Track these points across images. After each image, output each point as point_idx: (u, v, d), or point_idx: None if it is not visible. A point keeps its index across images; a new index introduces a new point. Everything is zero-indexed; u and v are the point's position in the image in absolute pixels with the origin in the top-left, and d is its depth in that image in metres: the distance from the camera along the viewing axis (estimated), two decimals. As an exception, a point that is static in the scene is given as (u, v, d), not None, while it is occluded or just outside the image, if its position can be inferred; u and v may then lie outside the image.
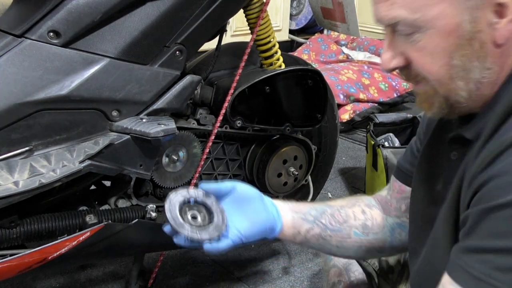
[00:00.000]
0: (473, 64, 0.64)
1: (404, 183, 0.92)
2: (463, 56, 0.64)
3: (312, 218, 0.90)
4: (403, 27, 0.66)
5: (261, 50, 1.47)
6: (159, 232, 1.29)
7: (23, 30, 1.05)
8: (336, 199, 0.99)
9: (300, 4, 3.98)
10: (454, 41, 0.64)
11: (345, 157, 2.61)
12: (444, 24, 0.63)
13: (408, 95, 3.24)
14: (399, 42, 0.68)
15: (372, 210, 0.95)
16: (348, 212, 0.93)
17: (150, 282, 1.45)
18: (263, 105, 1.42)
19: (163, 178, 1.31)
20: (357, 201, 0.97)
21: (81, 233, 1.08)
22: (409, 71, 0.70)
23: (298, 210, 0.89)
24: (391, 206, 0.95)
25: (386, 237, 0.94)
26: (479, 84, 0.65)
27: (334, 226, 0.91)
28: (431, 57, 0.66)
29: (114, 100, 1.13)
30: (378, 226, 0.94)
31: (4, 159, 1.03)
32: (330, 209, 0.92)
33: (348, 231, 0.92)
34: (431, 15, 0.63)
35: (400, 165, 0.94)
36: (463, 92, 0.66)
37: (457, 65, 0.65)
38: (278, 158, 1.50)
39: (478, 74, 0.65)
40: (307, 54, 3.56)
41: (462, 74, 0.65)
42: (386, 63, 0.70)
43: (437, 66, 0.66)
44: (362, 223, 0.93)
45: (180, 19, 1.18)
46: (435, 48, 0.65)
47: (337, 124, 1.76)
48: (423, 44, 0.65)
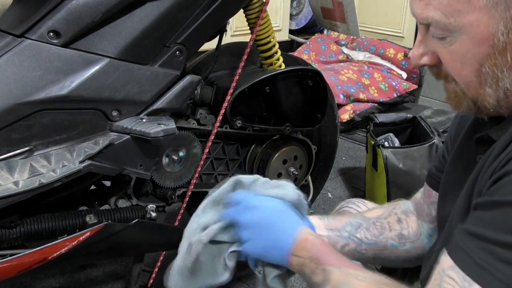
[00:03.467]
0: (503, 74, 0.64)
1: (431, 187, 0.92)
2: (494, 65, 0.64)
3: (347, 234, 0.90)
4: (435, 28, 0.66)
5: (261, 50, 1.47)
6: (159, 232, 1.30)
7: (23, 30, 1.05)
8: (373, 209, 0.98)
9: (300, 4, 3.98)
10: (486, 50, 0.63)
11: (345, 157, 2.61)
12: (477, 32, 0.62)
13: (408, 95, 3.24)
14: (432, 40, 0.68)
15: (408, 217, 0.95)
16: (384, 223, 0.93)
17: (150, 282, 1.45)
18: (263, 105, 1.42)
19: (163, 178, 1.31)
20: (394, 208, 0.96)
21: (81, 233, 1.08)
22: (439, 70, 0.70)
23: (334, 227, 0.89)
24: (424, 211, 0.95)
25: (424, 244, 0.93)
26: (509, 92, 0.65)
27: (370, 240, 0.91)
28: (461, 61, 0.65)
29: (114, 100, 1.13)
30: (415, 234, 0.93)
31: (4, 159, 1.03)
32: (366, 222, 0.92)
33: (384, 243, 0.91)
34: (465, 21, 0.62)
35: (430, 169, 0.94)
36: (491, 98, 0.66)
37: (487, 73, 0.64)
38: (278, 158, 1.50)
39: (508, 84, 0.64)
40: (307, 54, 3.56)
41: (491, 82, 0.65)
42: (416, 59, 0.70)
43: (467, 71, 0.66)
44: (398, 233, 0.92)
45: (180, 19, 1.18)
46: (466, 53, 0.64)
47: (337, 124, 1.76)
48: (454, 48, 0.65)
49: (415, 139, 2.13)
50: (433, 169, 0.93)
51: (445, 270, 0.61)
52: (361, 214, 0.95)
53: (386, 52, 3.44)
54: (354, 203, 1.07)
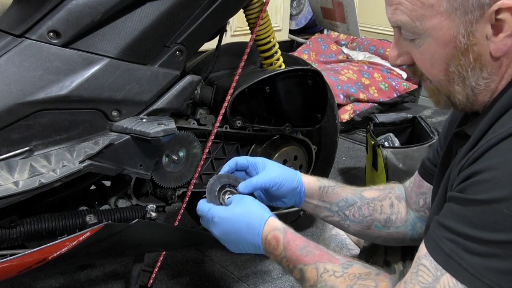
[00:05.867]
0: (468, 73, 0.68)
1: (424, 178, 0.95)
2: (459, 65, 0.68)
3: (337, 209, 0.96)
4: (405, 31, 0.70)
5: (261, 50, 1.47)
6: (159, 232, 1.30)
7: (23, 30, 1.05)
8: (372, 189, 1.01)
9: (300, 4, 3.97)
10: (451, 51, 0.68)
11: (345, 157, 2.61)
12: (441, 35, 0.67)
13: (408, 95, 3.24)
14: (405, 42, 0.72)
15: (400, 203, 0.99)
16: (377, 206, 0.97)
17: (150, 282, 1.45)
18: (263, 105, 1.42)
19: (163, 178, 1.31)
20: (389, 192, 1.01)
21: (81, 233, 1.08)
22: (415, 70, 0.75)
23: (327, 200, 0.96)
24: (411, 199, 0.98)
25: (407, 230, 0.98)
26: (476, 90, 0.70)
27: (357, 219, 0.96)
28: (430, 62, 0.70)
29: (114, 100, 1.13)
30: (402, 220, 0.98)
31: (4, 159, 1.03)
32: (360, 201, 0.97)
33: (369, 223, 0.97)
34: (429, 25, 0.67)
35: (423, 161, 0.97)
36: (460, 96, 0.71)
37: (454, 72, 0.69)
38: (278, 158, 1.50)
39: (474, 82, 0.69)
40: (307, 54, 3.56)
41: (458, 80, 0.70)
42: (393, 60, 0.75)
43: (436, 71, 0.71)
44: (387, 217, 0.97)
45: (180, 19, 1.18)
46: (433, 54, 0.69)
47: (337, 124, 1.76)
48: (423, 49, 0.70)
49: (415, 139, 2.13)
50: (426, 161, 0.96)
51: (420, 258, 0.66)
52: (360, 192, 0.99)
53: (386, 52, 3.43)
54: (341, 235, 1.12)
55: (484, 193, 0.60)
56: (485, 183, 0.60)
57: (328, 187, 0.97)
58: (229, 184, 0.91)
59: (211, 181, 0.90)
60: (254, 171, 0.93)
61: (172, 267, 1.70)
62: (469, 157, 0.65)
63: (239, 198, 0.86)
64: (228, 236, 0.83)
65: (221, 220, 0.83)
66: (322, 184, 0.96)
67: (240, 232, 0.82)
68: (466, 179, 0.64)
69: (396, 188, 1.02)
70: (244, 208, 0.83)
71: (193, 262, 1.73)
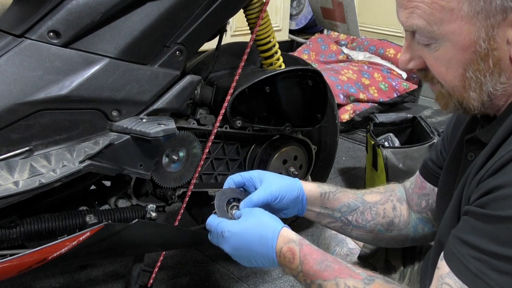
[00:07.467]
0: (486, 79, 0.66)
1: (426, 179, 0.94)
2: (477, 70, 0.66)
3: (340, 215, 0.94)
4: (420, 36, 0.68)
5: (261, 50, 1.47)
6: (159, 232, 1.30)
7: (23, 30, 1.05)
8: (373, 192, 1.00)
9: (300, 4, 3.97)
10: (470, 56, 0.65)
11: (345, 157, 2.61)
12: (460, 40, 0.65)
13: (408, 95, 3.24)
14: (418, 46, 0.70)
15: (402, 205, 0.98)
16: (379, 209, 0.96)
17: (150, 282, 1.45)
18: (263, 105, 1.42)
19: (163, 178, 1.31)
20: (391, 195, 0.99)
21: (81, 233, 1.08)
22: (426, 74, 0.72)
23: (330, 207, 0.93)
24: (413, 201, 0.97)
25: (409, 233, 0.97)
26: (492, 95, 0.67)
27: (359, 224, 0.94)
28: (446, 67, 0.68)
29: (114, 100, 1.13)
30: (404, 222, 0.96)
31: (4, 159, 1.03)
32: (363, 206, 0.95)
33: (372, 227, 0.95)
34: (448, 29, 0.65)
35: (425, 161, 0.96)
36: (475, 102, 0.68)
37: (471, 77, 0.66)
38: (278, 158, 1.50)
39: (491, 87, 0.66)
40: (307, 54, 3.56)
41: (475, 86, 0.67)
42: (403, 64, 0.73)
43: (451, 76, 0.68)
44: (390, 220, 0.95)
45: (180, 19, 1.18)
46: (450, 60, 0.67)
47: (337, 124, 1.76)
48: (439, 54, 0.67)
49: (415, 139, 2.13)
50: (429, 162, 0.94)
51: (443, 277, 0.63)
52: (362, 197, 0.97)
53: (386, 52, 3.44)
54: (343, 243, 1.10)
55: (509, 209, 0.58)
56: (509, 199, 0.58)
57: (329, 192, 0.94)
58: (234, 199, 0.88)
59: (217, 196, 0.86)
60: (252, 186, 0.89)
61: (172, 267, 1.70)
62: (488, 168, 0.63)
63: (248, 210, 0.82)
64: (239, 251, 0.79)
65: (232, 234, 0.78)
66: (323, 190, 0.93)
67: (252, 246, 0.78)
68: (486, 193, 0.62)
69: (397, 189, 1.01)
70: (255, 220, 0.79)
71: (193, 262, 1.73)
